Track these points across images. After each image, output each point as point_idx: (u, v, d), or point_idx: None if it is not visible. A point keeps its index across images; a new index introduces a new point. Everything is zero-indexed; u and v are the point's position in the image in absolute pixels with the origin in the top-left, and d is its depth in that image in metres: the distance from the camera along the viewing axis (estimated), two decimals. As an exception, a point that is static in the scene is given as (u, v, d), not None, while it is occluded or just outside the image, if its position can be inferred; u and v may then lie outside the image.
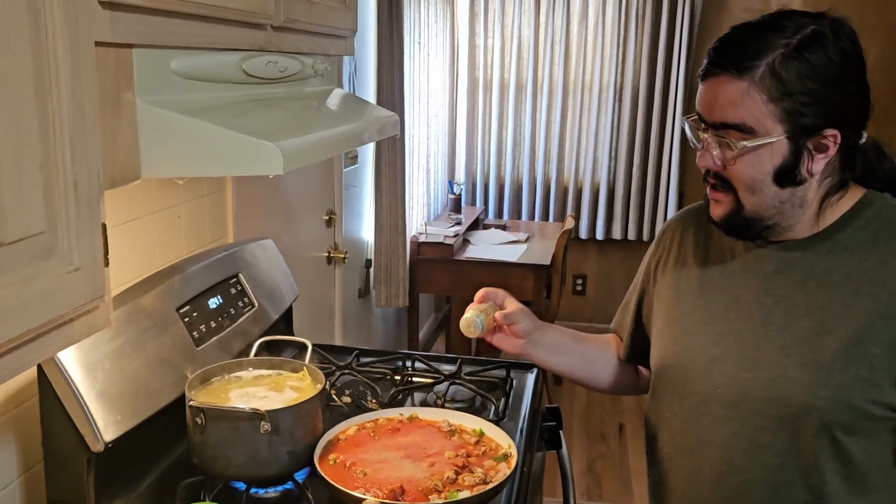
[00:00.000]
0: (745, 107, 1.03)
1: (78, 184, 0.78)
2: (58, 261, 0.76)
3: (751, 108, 1.03)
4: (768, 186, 1.07)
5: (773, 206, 1.08)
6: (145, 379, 1.25)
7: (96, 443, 1.13)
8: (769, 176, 1.06)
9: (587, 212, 4.89)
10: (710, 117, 1.07)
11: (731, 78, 1.03)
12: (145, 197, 1.55)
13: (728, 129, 1.05)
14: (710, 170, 1.10)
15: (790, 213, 1.10)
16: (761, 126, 1.03)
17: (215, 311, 1.49)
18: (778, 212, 1.09)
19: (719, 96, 1.05)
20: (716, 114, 1.06)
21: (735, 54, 1.04)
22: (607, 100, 4.75)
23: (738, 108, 1.03)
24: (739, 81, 1.02)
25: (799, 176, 1.06)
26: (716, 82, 1.05)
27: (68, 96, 0.75)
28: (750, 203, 1.08)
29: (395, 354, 1.85)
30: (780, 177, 1.06)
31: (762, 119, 1.03)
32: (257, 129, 1.04)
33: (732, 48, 1.05)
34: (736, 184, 1.08)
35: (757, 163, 1.05)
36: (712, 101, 1.06)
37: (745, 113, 1.03)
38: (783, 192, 1.07)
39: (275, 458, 1.21)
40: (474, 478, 1.19)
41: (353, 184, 3.19)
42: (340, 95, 1.59)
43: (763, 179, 1.06)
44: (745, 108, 1.03)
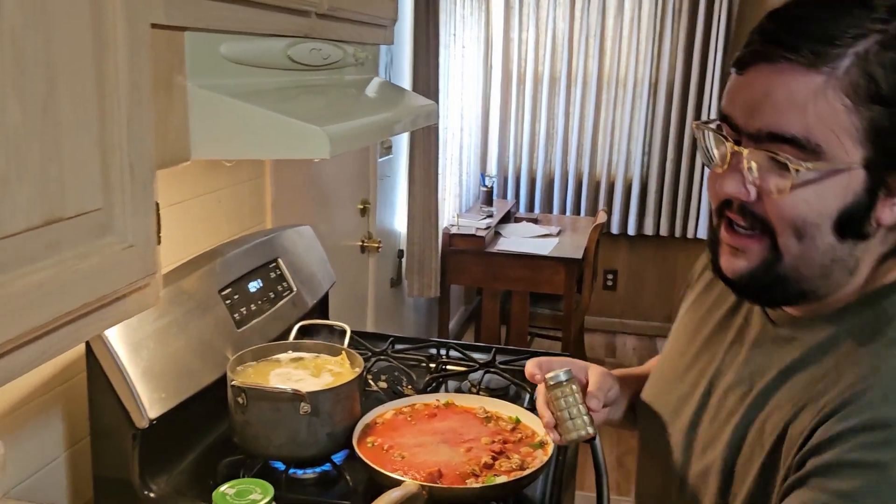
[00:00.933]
0: (817, 112, 0.71)
1: (133, 163, 0.79)
2: (113, 238, 0.78)
3: (824, 115, 0.71)
4: (824, 235, 0.75)
5: (821, 265, 0.77)
6: (188, 358, 1.27)
7: (141, 419, 1.15)
8: (829, 220, 0.74)
9: (619, 206, 4.86)
10: (753, 123, 0.75)
11: (797, 67, 0.72)
12: (188, 181, 1.58)
13: (779, 144, 0.74)
14: (734, 201, 0.79)
15: (836, 278, 0.79)
16: (835, 145, 0.72)
17: (255, 294, 1.51)
18: (823, 273, 0.78)
19: (774, 93, 0.73)
20: (764, 118, 0.74)
21: (810, 33, 0.72)
22: (642, 94, 4.71)
23: (804, 114, 0.72)
24: (812, 74, 0.71)
25: (867, 226, 0.75)
26: (771, 73, 0.74)
27: (126, 77, 0.77)
28: (792, 254, 0.77)
29: (430, 342, 1.86)
30: (843, 223, 0.75)
31: (838, 134, 0.71)
32: (304, 114, 1.05)
33: (802, 25, 0.73)
34: (777, 224, 0.76)
35: (817, 198, 0.74)
36: (760, 99, 0.74)
37: (815, 122, 0.72)
38: (841, 246, 0.76)
39: (314, 440, 1.23)
40: (511, 464, 1.20)
41: (386, 174, 3.21)
42: (380, 84, 1.60)
43: (820, 224, 0.75)
44: (816, 115, 0.71)
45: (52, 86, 0.66)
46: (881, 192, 0.74)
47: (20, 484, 1.19)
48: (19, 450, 1.17)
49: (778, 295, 0.82)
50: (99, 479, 1.23)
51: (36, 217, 0.65)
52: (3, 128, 0.61)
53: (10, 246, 0.63)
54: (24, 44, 0.62)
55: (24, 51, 0.62)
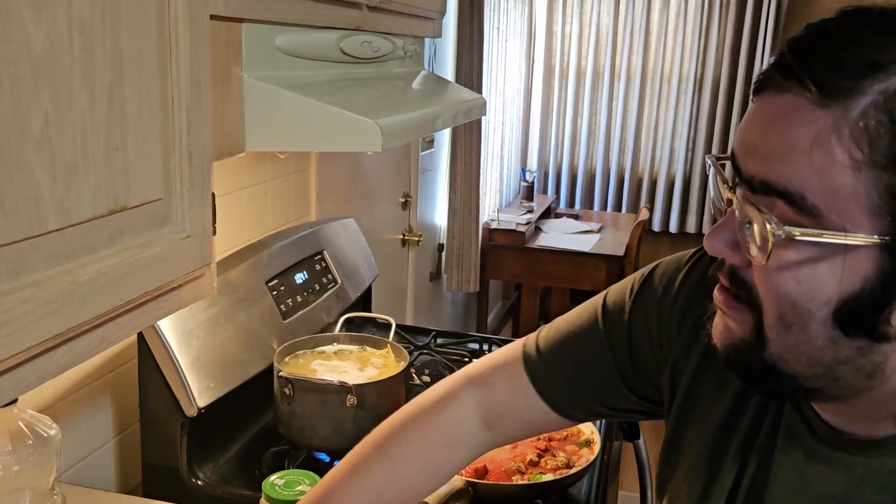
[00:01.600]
0: (814, 163, 0.53)
1: (192, 154, 0.80)
2: (172, 227, 0.79)
3: (824, 168, 0.53)
4: (819, 325, 0.56)
5: (821, 364, 0.58)
6: (235, 349, 1.28)
7: (190, 407, 1.17)
8: (827, 307, 0.56)
9: (661, 204, 4.80)
10: (747, 166, 0.58)
11: (803, 102, 0.54)
12: (235, 172, 1.59)
13: (772, 197, 0.56)
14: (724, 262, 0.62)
15: (848, 381, 0.59)
16: (837, 209, 0.53)
17: (301, 286, 1.51)
18: (826, 374, 0.59)
19: (772, 131, 0.56)
20: (756, 162, 0.57)
21: (826, 60, 0.54)
22: (687, 90, 4.64)
23: (798, 162, 0.54)
24: (819, 112, 0.53)
25: (883, 326, 0.56)
26: (773, 103, 0.56)
27: (187, 68, 0.77)
28: (778, 344, 0.59)
29: (471, 337, 1.85)
30: (846, 314, 0.56)
31: (842, 196, 0.53)
32: (356, 107, 1.05)
33: (820, 51, 0.54)
34: (764, 300, 0.59)
35: (810, 276, 0.55)
36: (757, 138, 0.57)
37: (810, 174, 0.53)
38: (846, 343, 0.57)
39: (359, 432, 1.22)
40: (557, 461, 1.19)
41: (428, 167, 3.21)
42: (427, 77, 1.60)
43: (812, 310, 0.56)
44: (812, 166, 0.53)
45: (118, 76, 0.66)
46: None
47: (70, 468, 1.21)
48: (70, 435, 1.19)
49: (774, 388, 0.62)
50: (147, 466, 1.24)
51: (101, 206, 0.66)
52: (71, 117, 0.61)
53: (75, 234, 0.64)
54: (93, 34, 0.63)
55: (93, 41, 0.63)
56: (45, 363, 0.64)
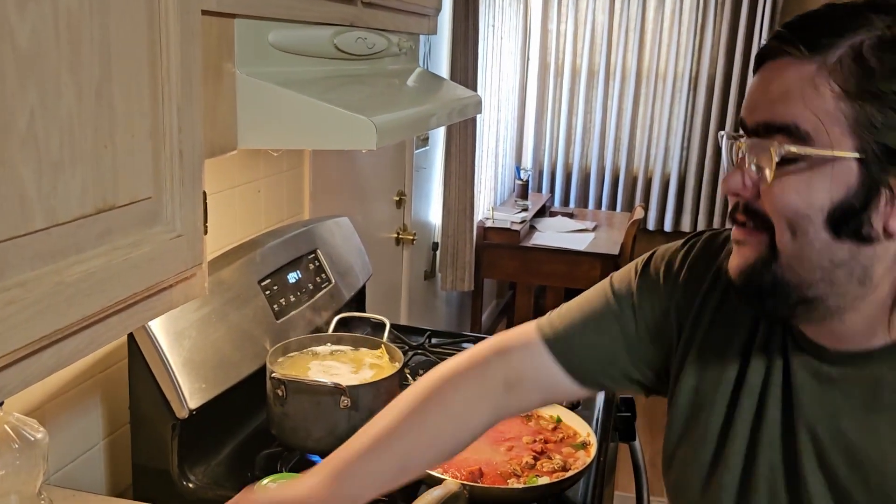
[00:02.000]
0: (805, 99, 0.69)
1: (183, 151, 0.78)
2: (162, 227, 0.77)
3: (812, 101, 0.69)
4: (817, 229, 0.70)
5: (820, 267, 0.72)
6: (228, 349, 1.26)
7: (181, 409, 1.15)
8: (821, 212, 0.70)
9: (656, 202, 4.80)
10: (752, 117, 0.74)
11: (793, 60, 0.71)
12: (228, 170, 1.57)
13: (773, 135, 0.71)
14: (739, 199, 0.76)
15: (844, 287, 0.72)
16: (823, 132, 0.69)
17: (294, 285, 1.50)
18: (824, 278, 0.72)
19: (772, 86, 0.72)
20: (760, 112, 0.73)
21: (809, 28, 0.72)
22: (682, 88, 4.64)
23: (793, 102, 0.70)
24: (804, 63, 0.70)
25: (866, 228, 0.70)
26: (772, 68, 0.73)
27: (177, 64, 0.75)
28: (788, 250, 0.72)
29: (466, 336, 1.84)
30: (836, 218, 0.70)
31: (827, 121, 0.69)
32: (351, 104, 1.04)
33: (808, 23, 0.73)
34: (773, 216, 0.73)
35: (806, 188, 0.70)
36: (761, 94, 0.73)
37: (802, 108, 0.69)
38: (838, 246, 0.71)
39: (353, 434, 1.21)
40: (553, 464, 1.18)
41: (422, 165, 3.19)
42: (422, 74, 1.58)
43: (812, 216, 0.70)
44: (804, 102, 0.69)
45: (106, 71, 0.65)
46: (882, 193, 0.69)
47: (59, 470, 1.19)
48: (59, 437, 1.17)
49: (780, 300, 0.75)
50: (138, 468, 1.23)
51: (89, 205, 0.64)
52: (57, 112, 0.60)
53: (62, 233, 0.62)
54: (81, 28, 0.61)
55: (80, 35, 0.61)
56: (32, 366, 0.62)
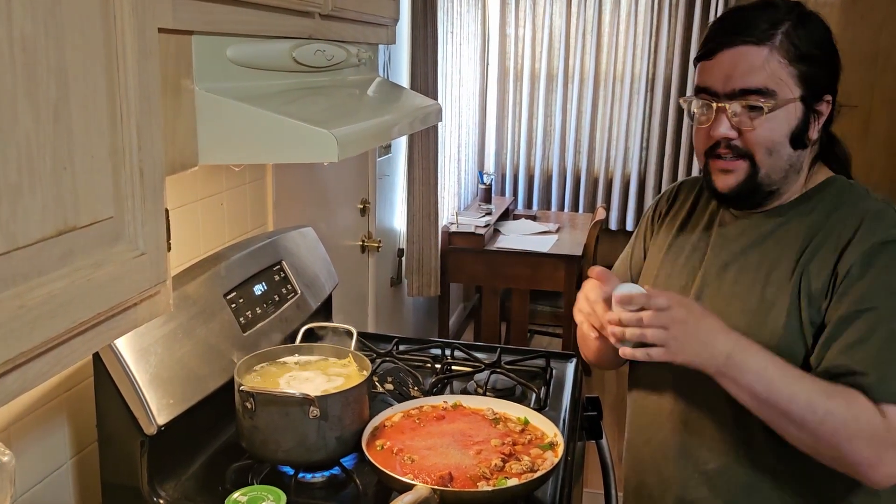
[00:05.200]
0: (770, 70, 1.11)
1: (144, 170, 0.78)
2: (124, 246, 0.77)
3: (775, 70, 1.11)
4: (785, 148, 1.13)
5: (783, 170, 1.15)
6: (195, 364, 1.26)
7: (150, 425, 1.15)
8: (786, 137, 1.13)
9: (618, 203, 4.86)
10: (728, 87, 1.12)
11: (751, 47, 1.11)
12: (190, 184, 1.57)
13: (749, 95, 1.11)
14: (722, 140, 1.14)
15: (791, 178, 1.17)
16: (784, 87, 1.11)
17: (260, 297, 1.50)
18: (784, 176, 1.16)
19: (739, 65, 1.11)
20: (735, 82, 1.12)
21: (751, 26, 1.12)
22: (639, 90, 4.71)
23: (761, 72, 1.11)
24: (761, 48, 1.10)
25: (806, 139, 1.14)
26: (734, 53, 1.12)
27: (135, 83, 0.76)
28: (766, 165, 1.14)
29: (434, 343, 1.85)
30: (794, 138, 1.13)
31: (785, 80, 1.11)
32: (311, 117, 1.04)
33: (744, 23, 1.13)
34: (754, 148, 1.13)
35: (776, 125, 1.12)
36: (730, 71, 1.12)
37: (769, 76, 1.10)
38: (794, 154, 1.14)
39: (323, 444, 1.22)
40: (521, 466, 1.19)
41: (386, 173, 3.20)
42: (382, 84, 1.59)
43: (781, 141, 1.13)
44: (770, 71, 1.11)
45: (63, 92, 0.65)
46: (812, 115, 1.14)
47: (27, 491, 1.18)
48: (25, 458, 1.16)
49: (756, 198, 1.18)
50: (107, 486, 1.22)
51: (49, 227, 0.64)
52: (14, 136, 0.60)
53: (23, 257, 0.62)
54: (36, 50, 0.61)
55: (36, 57, 0.61)
56: (-4, 390, 0.62)
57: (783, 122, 1.12)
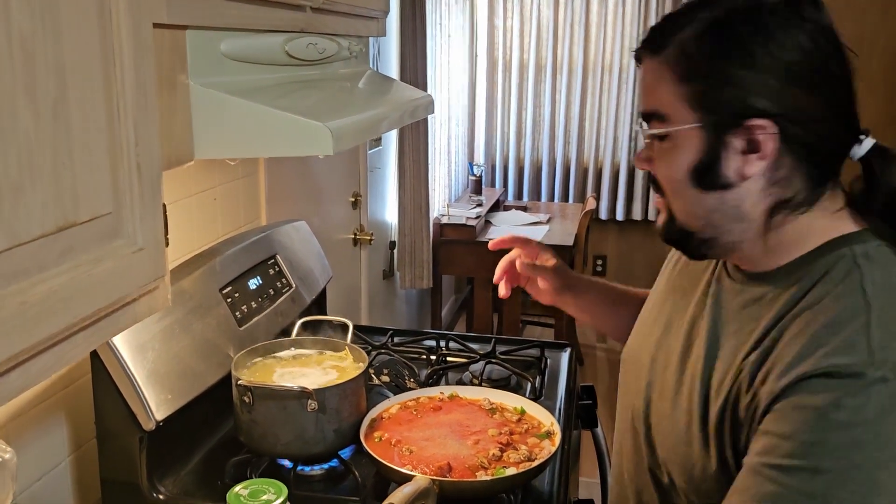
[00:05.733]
0: (659, 89, 0.89)
1: (141, 165, 0.79)
2: (123, 241, 0.78)
3: (662, 90, 0.89)
4: (687, 188, 0.89)
5: (701, 216, 0.91)
6: (192, 359, 1.26)
7: (148, 421, 1.15)
8: (686, 174, 0.89)
9: (607, 192, 4.87)
10: (640, 107, 0.95)
11: (647, 59, 0.91)
12: (184, 180, 1.57)
13: (650, 120, 0.92)
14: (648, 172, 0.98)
15: (725, 226, 0.90)
16: (673, 112, 0.88)
17: (255, 291, 1.50)
18: (708, 223, 0.91)
19: (643, 82, 0.93)
20: (642, 102, 0.94)
21: (653, 34, 0.92)
22: (627, 80, 4.72)
23: (652, 92, 0.91)
24: (655, 61, 0.90)
25: (723, 178, 0.87)
26: (644, 66, 0.93)
27: (132, 78, 0.76)
28: (676, 210, 0.93)
29: (428, 334, 1.86)
30: (697, 176, 0.88)
31: (674, 103, 0.88)
32: (305, 110, 1.05)
33: (658, 27, 0.92)
34: (662, 185, 0.93)
35: (672, 158, 0.89)
36: (641, 88, 0.95)
37: (658, 96, 0.90)
38: (708, 197, 0.89)
39: (321, 436, 1.23)
40: (519, 455, 1.20)
41: (376, 166, 3.20)
42: (373, 77, 1.59)
43: (680, 179, 0.89)
44: (659, 91, 0.90)
45: (62, 90, 0.65)
46: (727, 149, 0.86)
47: (26, 490, 1.18)
48: (25, 456, 1.16)
49: (689, 245, 0.95)
50: (106, 483, 1.22)
51: (50, 223, 0.64)
52: (15, 134, 0.60)
53: (24, 253, 0.62)
54: (34, 47, 0.61)
55: (34, 54, 0.61)
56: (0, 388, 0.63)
57: (680, 154, 0.88)
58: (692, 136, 0.87)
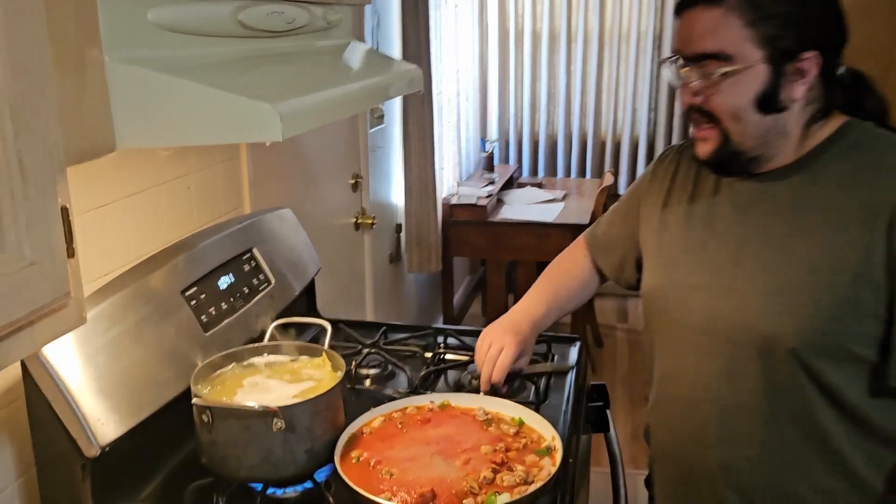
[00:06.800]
0: (722, 33, 1.03)
1: (24, 160, 0.64)
2: (5, 255, 0.64)
3: (727, 34, 1.03)
4: (751, 114, 1.06)
5: (758, 136, 1.08)
6: (146, 372, 1.12)
7: (90, 447, 1.01)
8: (751, 103, 1.05)
9: (626, 167, 4.68)
10: (689, 49, 1.07)
11: (705, 7, 1.04)
12: (146, 168, 1.42)
13: (707, 60, 1.05)
14: (692, 106, 1.10)
15: (774, 142, 1.09)
16: (739, 52, 1.03)
17: (226, 291, 1.36)
18: (762, 142, 1.09)
19: (696, 27, 1.06)
20: (693, 45, 1.06)
21: None
22: (646, 48, 4.49)
23: (715, 36, 1.04)
24: (713, 9, 1.03)
25: (781, 102, 1.06)
26: (691, 14, 1.06)
27: (3, 53, 0.61)
28: (735, 133, 1.08)
29: (426, 330, 1.71)
30: (762, 103, 1.05)
31: (740, 45, 1.03)
32: (254, 90, 0.90)
33: None
34: (720, 115, 1.08)
35: (738, 90, 1.05)
36: (689, 33, 1.07)
37: (723, 40, 1.03)
38: (766, 119, 1.07)
39: (291, 458, 1.09)
40: (514, 477, 1.05)
41: (379, 145, 3.04)
42: (357, 49, 1.43)
43: (745, 107, 1.06)
44: (722, 35, 1.03)
45: None
46: (785, 77, 1.05)
47: (-35, 520, 1.05)
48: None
49: (737, 165, 1.12)
50: (52, 513, 1.09)
51: None
52: None
53: None
54: None
55: None
56: None
57: (745, 87, 1.04)
58: (758, 70, 1.04)
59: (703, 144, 1.12)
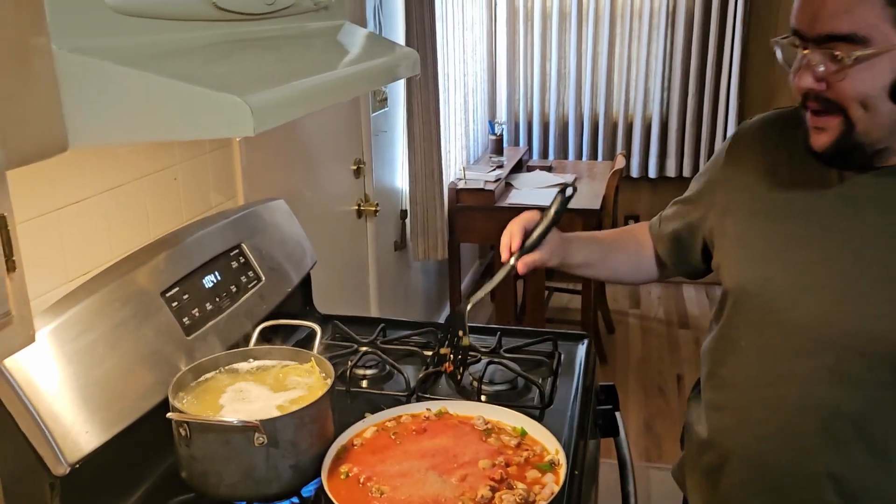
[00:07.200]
0: (859, 13, 0.92)
1: (-55, 167, 0.56)
2: (-75, 274, 0.56)
3: (865, 13, 0.91)
4: (884, 103, 0.95)
5: (887, 126, 0.97)
6: (122, 381, 1.05)
7: (58, 465, 0.94)
8: (885, 90, 0.94)
9: (639, 148, 4.57)
10: (814, 30, 0.95)
11: None
12: (127, 160, 1.34)
13: (836, 42, 0.93)
14: (810, 92, 0.99)
15: None
16: (878, 34, 0.91)
17: (211, 290, 1.29)
18: (891, 133, 0.98)
19: (827, 4, 0.94)
20: (821, 25, 0.94)
21: None
22: (658, 26, 4.37)
23: (850, 15, 0.92)
24: None
25: None
26: None
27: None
28: (862, 123, 0.97)
29: (426, 326, 1.64)
30: (892, 92, 0.94)
31: (879, 25, 0.91)
32: (223, 80, 0.82)
33: None
34: (846, 102, 0.96)
35: (871, 76, 0.94)
36: (817, 11, 0.94)
37: (859, 20, 0.92)
38: None
39: (275, 474, 1.02)
40: (514, 496, 0.98)
41: (382, 129, 2.95)
42: (349, 33, 1.35)
43: (878, 95, 0.94)
44: (859, 15, 0.92)
45: None
46: None
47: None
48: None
49: (859, 157, 1.01)
50: (23, 532, 1.03)
51: None
52: None
53: None
54: None
55: None
56: None
57: (880, 73, 0.93)
58: (893, 56, 0.92)
59: (820, 135, 1.01)
